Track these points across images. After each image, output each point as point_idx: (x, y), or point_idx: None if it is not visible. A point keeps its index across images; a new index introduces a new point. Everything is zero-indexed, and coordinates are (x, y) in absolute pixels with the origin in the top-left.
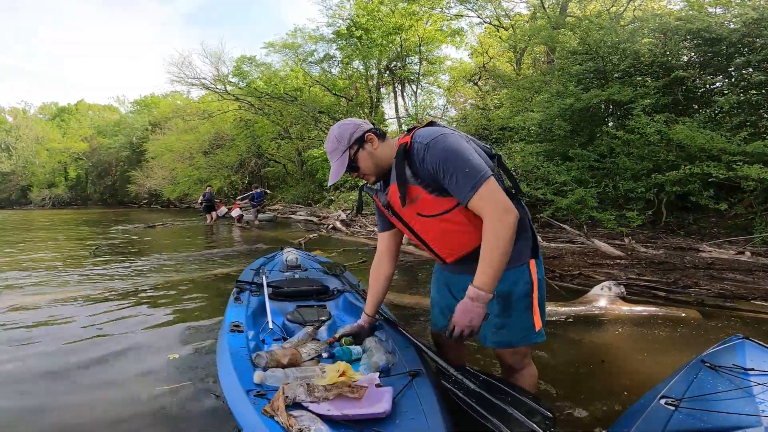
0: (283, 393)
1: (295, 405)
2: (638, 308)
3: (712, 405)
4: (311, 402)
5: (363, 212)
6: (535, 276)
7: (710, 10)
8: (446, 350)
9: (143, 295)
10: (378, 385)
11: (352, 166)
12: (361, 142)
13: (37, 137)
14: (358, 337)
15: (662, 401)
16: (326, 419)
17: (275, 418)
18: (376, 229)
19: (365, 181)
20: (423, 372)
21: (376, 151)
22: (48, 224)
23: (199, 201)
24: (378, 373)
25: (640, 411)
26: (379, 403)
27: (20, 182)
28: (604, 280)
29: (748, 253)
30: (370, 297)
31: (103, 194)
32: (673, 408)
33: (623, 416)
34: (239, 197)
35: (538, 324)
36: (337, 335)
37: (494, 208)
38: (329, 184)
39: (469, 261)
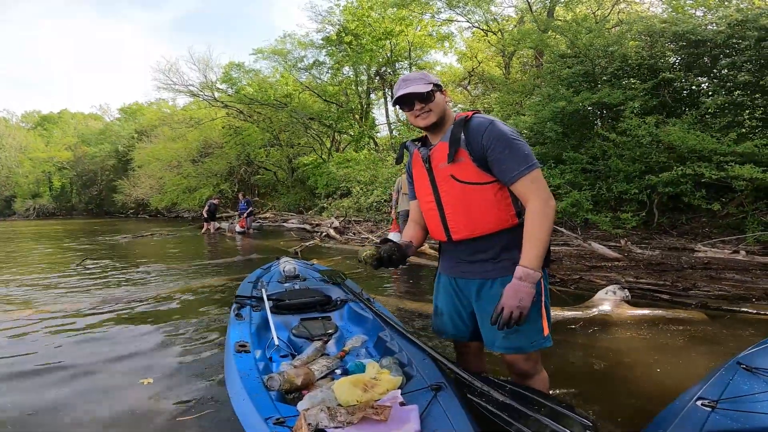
0: (305, 420)
1: (318, 431)
2: (643, 311)
3: (750, 406)
4: (335, 427)
5: (356, 221)
6: (542, 281)
7: (693, 12)
8: (467, 358)
9: (134, 309)
10: (402, 403)
11: (431, 95)
12: (440, 88)
13: (20, 146)
14: (397, 251)
15: (698, 402)
16: None
17: None
18: (370, 236)
19: (416, 125)
20: (445, 385)
21: (446, 103)
22: (33, 235)
23: (205, 210)
24: (400, 390)
25: (676, 412)
26: (407, 423)
27: (3, 192)
28: (605, 285)
29: (743, 252)
30: (407, 236)
31: (88, 204)
32: (709, 409)
33: (658, 417)
34: (244, 215)
35: (546, 329)
36: (346, 348)
37: (544, 192)
38: (397, 94)
39: (474, 251)
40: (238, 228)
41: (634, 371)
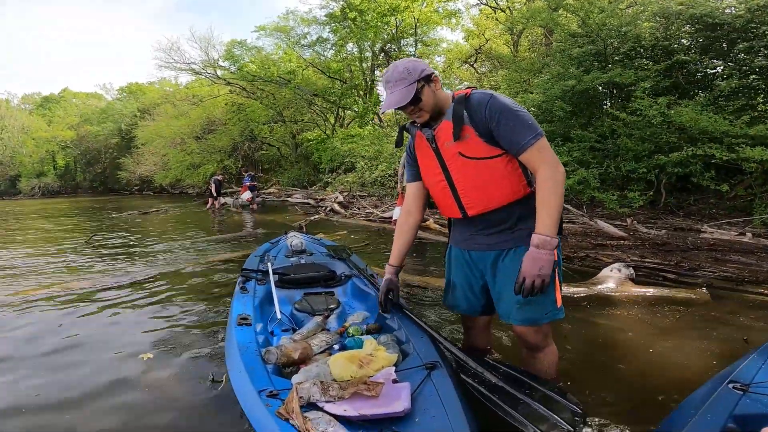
0: (297, 393)
1: (309, 405)
2: (648, 290)
3: None
4: (326, 402)
5: (360, 196)
6: (556, 251)
7: None
8: (474, 333)
9: (142, 284)
10: (395, 381)
11: (417, 98)
12: (428, 80)
13: (22, 127)
14: (389, 292)
15: (730, 386)
16: (343, 420)
17: (290, 421)
18: (375, 210)
19: (411, 120)
20: (440, 364)
21: (437, 92)
22: (39, 213)
23: (212, 189)
24: (395, 367)
25: (707, 395)
26: (398, 400)
27: (8, 172)
28: (611, 262)
29: (749, 235)
30: (397, 246)
31: (93, 182)
32: (741, 393)
33: (688, 399)
34: (246, 184)
35: (560, 300)
36: (347, 324)
37: (552, 159)
38: (383, 110)
39: (490, 224)
40: (242, 197)
41: (635, 350)
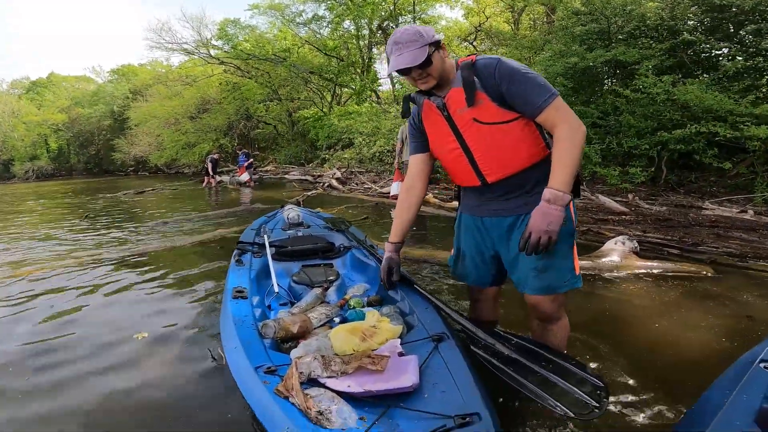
0: (297, 369)
1: (310, 381)
2: (652, 264)
3: None
4: (328, 377)
5: (359, 172)
6: (572, 214)
7: None
8: (481, 306)
9: (137, 262)
10: (401, 354)
11: (428, 61)
12: (438, 45)
13: (12, 111)
14: (390, 270)
15: (762, 365)
16: (347, 397)
17: (290, 399)
18: (372, 185)
19: (417, 89)
20: (448, 336)
21: (445, 59)
22: (34, 196)
23: (208, 167)
24: (400, 340)
25: (739, 375)
26: (405, 375)
27: (1, 157)
28: (614, 236)
29: (751, 212)
30: (397, 223)
31: (87, 164)
32: None
33: (718, 381)
34: (244, 165)
35: (578, 268)
36: (347, 296)
37: (571, 117)
38: (391, 70)
39: (508, 190)
40: (240, 178)
41: (640, 325)
